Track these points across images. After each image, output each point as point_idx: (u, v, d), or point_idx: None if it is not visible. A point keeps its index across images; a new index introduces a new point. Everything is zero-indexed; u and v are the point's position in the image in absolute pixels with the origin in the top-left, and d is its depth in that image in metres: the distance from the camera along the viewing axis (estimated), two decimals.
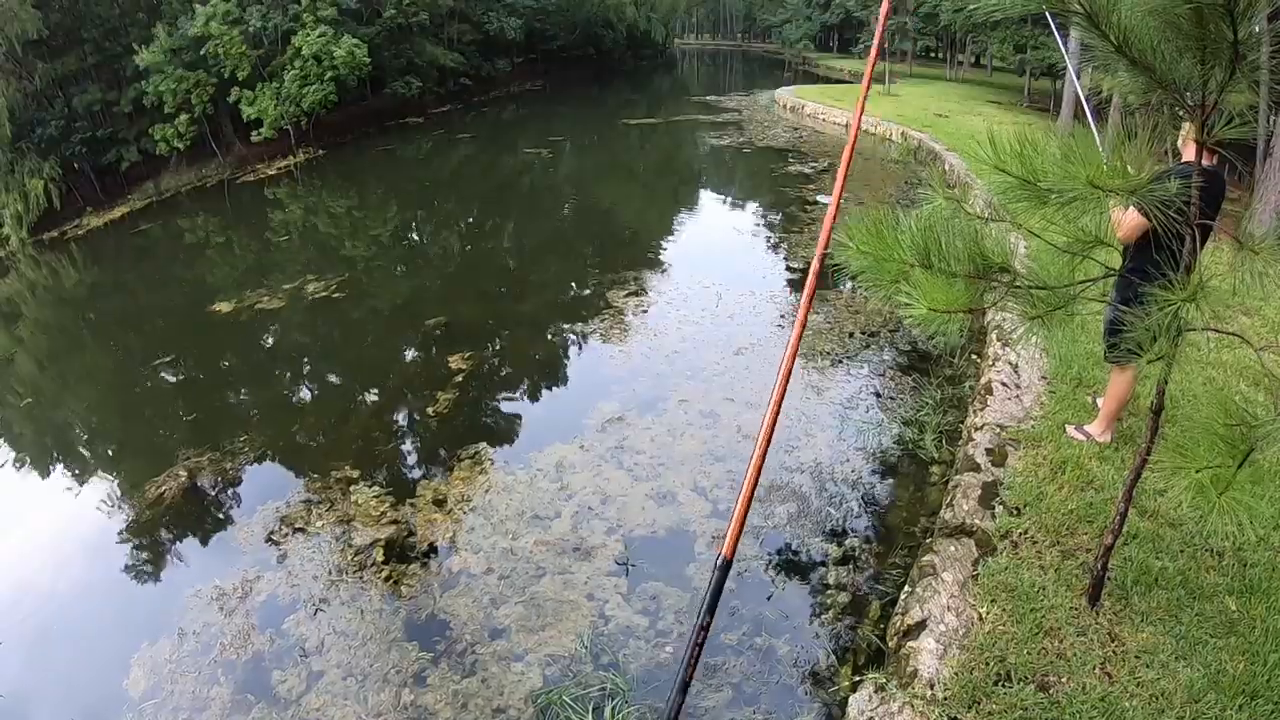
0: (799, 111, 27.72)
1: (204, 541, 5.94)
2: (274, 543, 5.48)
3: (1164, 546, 3.96)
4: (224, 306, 11.09)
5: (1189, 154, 3.95)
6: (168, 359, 9.80)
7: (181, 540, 5.98)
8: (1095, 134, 3.49)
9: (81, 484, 7.35)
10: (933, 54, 50.58)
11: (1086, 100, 4.19)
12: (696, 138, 24.51)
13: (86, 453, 8.29)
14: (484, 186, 20.20)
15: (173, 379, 9.35)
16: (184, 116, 23.83)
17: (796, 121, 26.39)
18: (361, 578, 4.99)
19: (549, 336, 9.23)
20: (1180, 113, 3.25)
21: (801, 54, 61.16)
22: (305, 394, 8.79)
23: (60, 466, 7.89)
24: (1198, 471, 2.40)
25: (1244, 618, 3.54)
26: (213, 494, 6.42)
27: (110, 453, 8.23)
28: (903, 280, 2.81)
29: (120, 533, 6.15)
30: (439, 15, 32.23)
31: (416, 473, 6.33)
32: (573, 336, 8.91)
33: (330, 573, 5.07)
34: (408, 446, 6.92)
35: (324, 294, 11.17)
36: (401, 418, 7.46)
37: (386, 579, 4.95)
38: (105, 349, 11.76)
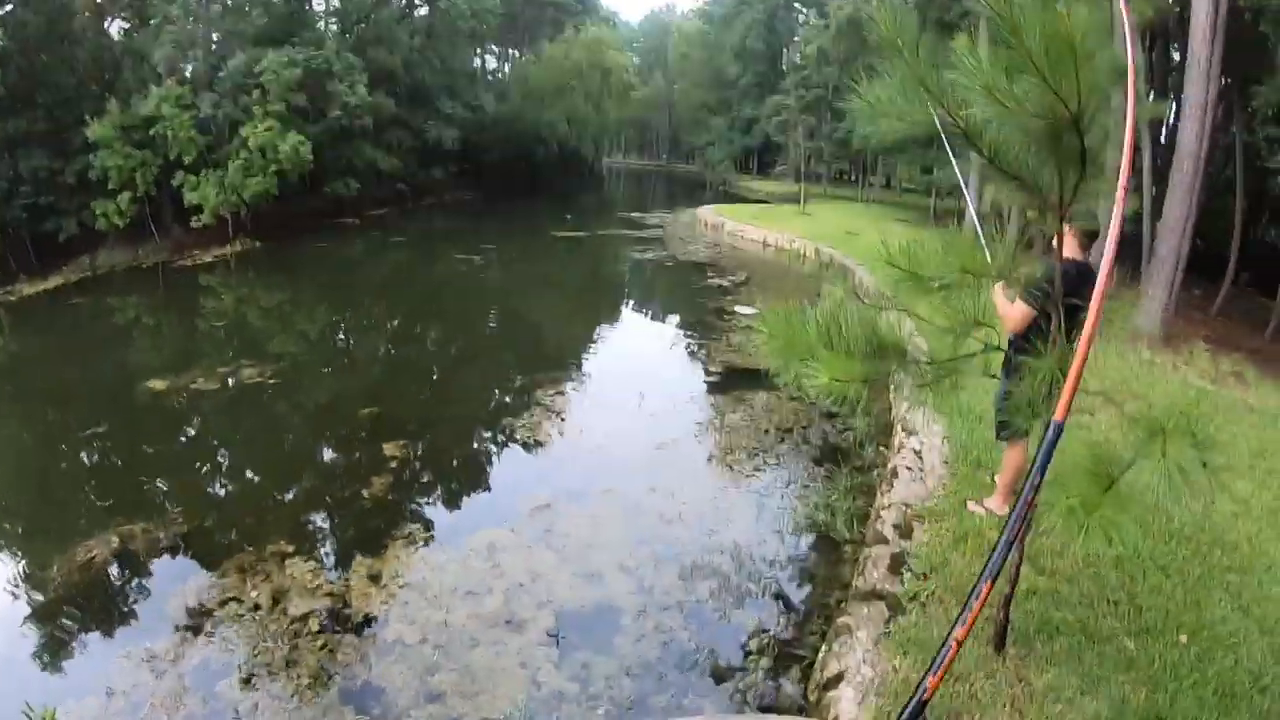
0: (719, 229, 29.26)
1: (135, 607, 5.93)
2: (207, 611, 5.53)
3: (1063, 600, 4.42)
4: (159, 384, 11.03)
5: (1068, 252, 4.72)
6: (100, 430, 9.71)
7: (110, 605, 5.96)
8: (980, 236, 4.19)
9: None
10: (845, 176, 54.11)
11: (975, 207, 4.95)
12: (621, 251, 25.62)
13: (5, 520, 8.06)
14: (415, 290, 20.65)
15: (105, 452, 9.27)
16: (126, 194, 23.65)
17: (716, 238, 27.85)
18: (296, 645, 5.10)
19: (480, 430, 9.57)
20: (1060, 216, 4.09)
21: (723, 175, 64.34)
22: (240, 472, 8.82)
23: None
24: (1069, 498, 2.91)
25: (1142, 655, 3.94)
26: (143, 562, 6.40)
27: (30, 524, 7.99)
28: (809, 358, 3.35)
29: (43, 598, 6.03)
30: (382, 120, 33.19)
31: (351, 550, 6.45)
32: (503, 431, 9.21)
33: (265, 639, 5.17)
34: (343, 525, 7.07)
35: (259, 379, 11.26)
36: (336, 498, 7.60)
37: (322, 647, 5.09)
38: (31, 418, 11.42)
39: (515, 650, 5.02)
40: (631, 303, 19.01)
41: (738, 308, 15.63)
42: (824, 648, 4.52)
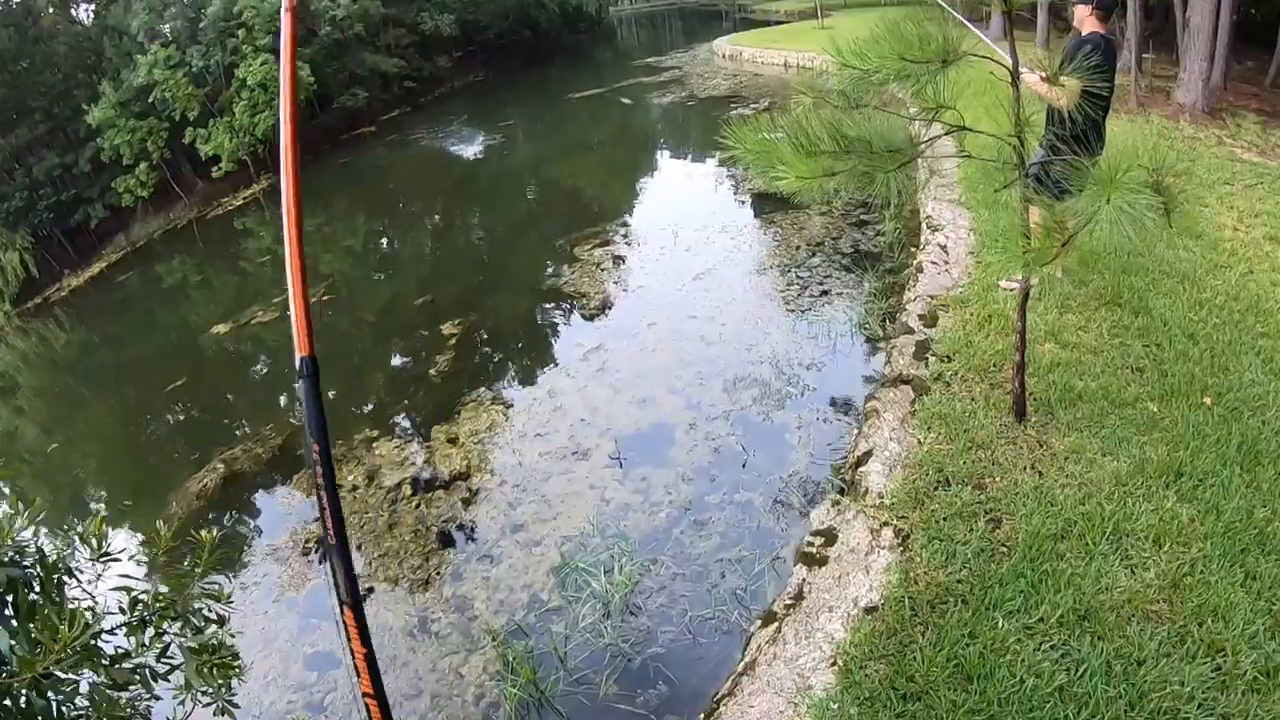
0: (737, 59, 28.16)
1: (251, 515, 6.69)
2: (311, 500, 6.21)
3: (1086, 370, 4.50)
4: (222, 329, 11.79)
5: (1088, 27, 4.69)
6: (180, 382, 10.51)
7: (228, 519, 6.71)
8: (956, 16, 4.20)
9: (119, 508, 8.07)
10: None
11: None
12: (641, 99, 25.04)
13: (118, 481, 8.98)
14: (445, 181, 20.75)
15: (191, 399, 10.08)
16: (143, 165, 24.25)
17: (735, 69, 26.83)
18: (395, 509, 5.75)
19: (527, 295, 9.97)
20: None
21: (737, 3, 61.05)
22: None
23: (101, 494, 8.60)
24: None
25: (1165, 417, 3.96)
26: (250, 477, 7.14)
27: (141, 477, 8.84)
28: (779, 162, 3.54)
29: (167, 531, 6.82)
30: (373, 24, 32.51)
31: (428, 422, 7.04)
32: (549, 291, 9.61)
33: (367, 511, 5.82)
34: (417, 403, 7.68)
35: (314, 299, 11.81)
36: (407, 381, 8.27)
37: (417, 506, 5.72)
38: (115, 392, 12.38)
39: (584, 476, 5.56)
40: (656, 149, 18.81)
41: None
42: (855, 430, 4.83)
